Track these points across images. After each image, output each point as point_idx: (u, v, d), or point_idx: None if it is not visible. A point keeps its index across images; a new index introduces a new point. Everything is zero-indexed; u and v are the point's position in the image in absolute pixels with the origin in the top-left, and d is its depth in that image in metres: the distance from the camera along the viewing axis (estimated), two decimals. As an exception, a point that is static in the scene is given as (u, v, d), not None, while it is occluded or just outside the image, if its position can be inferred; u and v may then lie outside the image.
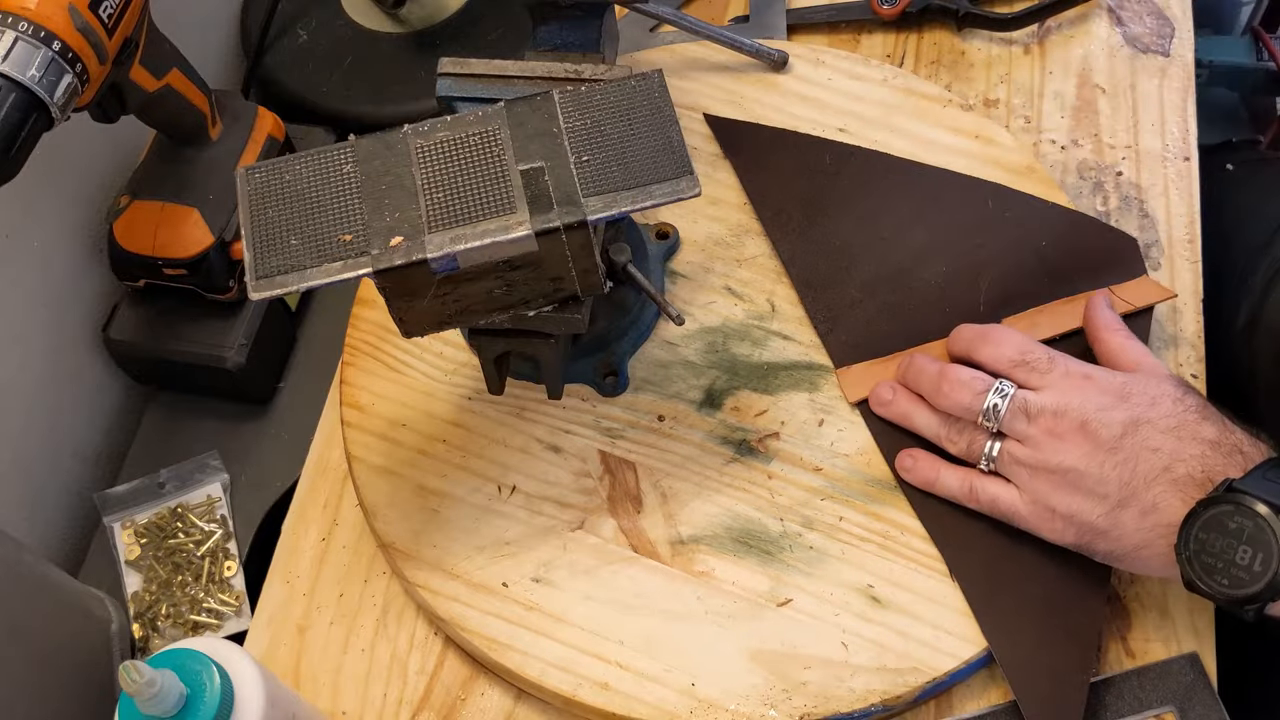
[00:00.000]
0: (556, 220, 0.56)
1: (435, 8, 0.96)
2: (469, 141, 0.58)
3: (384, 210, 0.56)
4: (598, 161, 0.58)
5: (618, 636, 0.67)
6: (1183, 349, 0.76)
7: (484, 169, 0.58)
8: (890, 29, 0.93)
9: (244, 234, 0.56)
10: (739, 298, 0.78)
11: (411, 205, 0.57)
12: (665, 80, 0.60)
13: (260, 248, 0.56)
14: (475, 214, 0.56)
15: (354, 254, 0.55)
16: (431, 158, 0.58)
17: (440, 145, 0.58)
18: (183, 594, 0.77)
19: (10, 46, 0.61)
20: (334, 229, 0.56)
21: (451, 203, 0.57)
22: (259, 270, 0.55)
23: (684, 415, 0.74)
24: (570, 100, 0.59)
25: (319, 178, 0.58)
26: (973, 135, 0.83)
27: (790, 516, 0.70)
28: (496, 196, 0.57)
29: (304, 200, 0.57)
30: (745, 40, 0.86)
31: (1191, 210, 0.81)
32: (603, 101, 0.60)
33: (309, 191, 0.57)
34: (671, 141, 0.58)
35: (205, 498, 0.80)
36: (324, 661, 0.71)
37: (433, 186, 0.57)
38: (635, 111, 0.59)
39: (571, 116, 0.59)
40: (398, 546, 0.71)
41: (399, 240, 0.56)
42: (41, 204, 0.80)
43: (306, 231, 0.56)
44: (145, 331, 0.82)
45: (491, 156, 0.58)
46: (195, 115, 0.80)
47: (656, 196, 0.57)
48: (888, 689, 0.64)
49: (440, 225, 0.56)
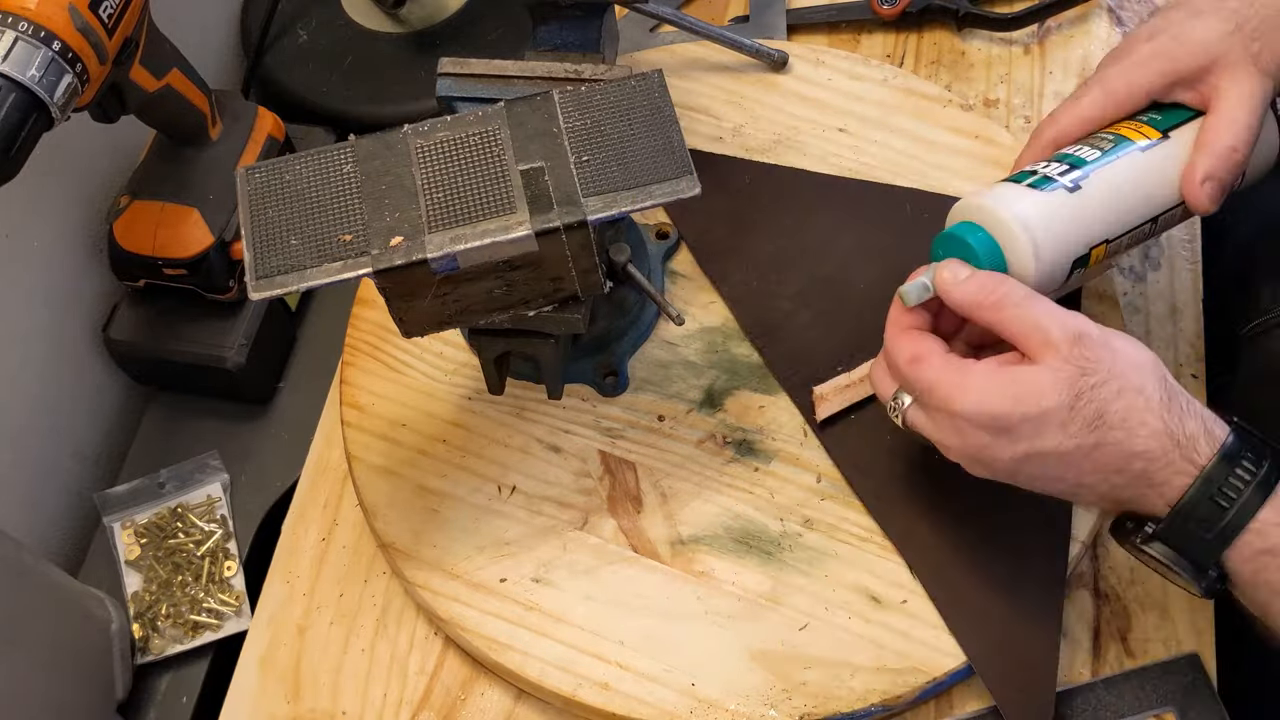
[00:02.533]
0: (556, 220, 0.56)
1: (435, 8, 0.96)
2: (469, 141, 0.58)
3: (384, 210, 0.56)
4: (598, 161, 0.58)
5: (618, 636, 0.67)
6: (1182, 349, 0.76)
7: (484, 169, 0.58)
8: (890, 29, 0.93)
9: (244, 234, 0.56)
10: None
11: (411, 205, 0.56)
12: (665, 80, 0.60)
13: (260, 247, 0.55)
14: (475, 214, 0.56)
15: (354, 254, 0.55)
16: (431, 158, 0.58)
17: (440, 145, 0.58)
18: (183, 594, 0.77)
19: (10, 46, 0.61)
20: (334, 229, 0.56)
21: (451, 203, 0.57)
22: (259, 270, 0.55)
23: (684, 415, 0.74)
24: (570, 100, 0.59)
25: (319, 178, 0.57)
26: (973, 135, 0.83)
27: (790, 516, 0.70)
28: (496, 196, 0.57)
29: (304, 200, 0.57)
30: (745, 40, 0.86)
31: (1191, 210, 0.81)
32: (603, 101, 0.59)
33: (309, 191, 0.57)
34: (671, 142, 0.58)
35: (205, 498, 0.80)
36: (324, 661, 0.71)
37: (433, 186, 0.57)
38: (635, 111, 0.59)
39: (571, 116, 0.59)
40: (398, 546, 0.71)
41: (399, 240, 0.55)
42: (41, 204, 0.80)
43: (306, 231, 0.56)
44: (145, 331, 0.82)
45: (491, 156, 0.58)
46: (195, 115, 0.80)
47: (656, 196, 0.57)
48: (888, 689, 0.64)
49: (440, 225, 0.56)
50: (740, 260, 0.79)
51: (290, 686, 0.71)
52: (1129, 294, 0.78)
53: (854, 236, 0.79)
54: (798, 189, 0.82)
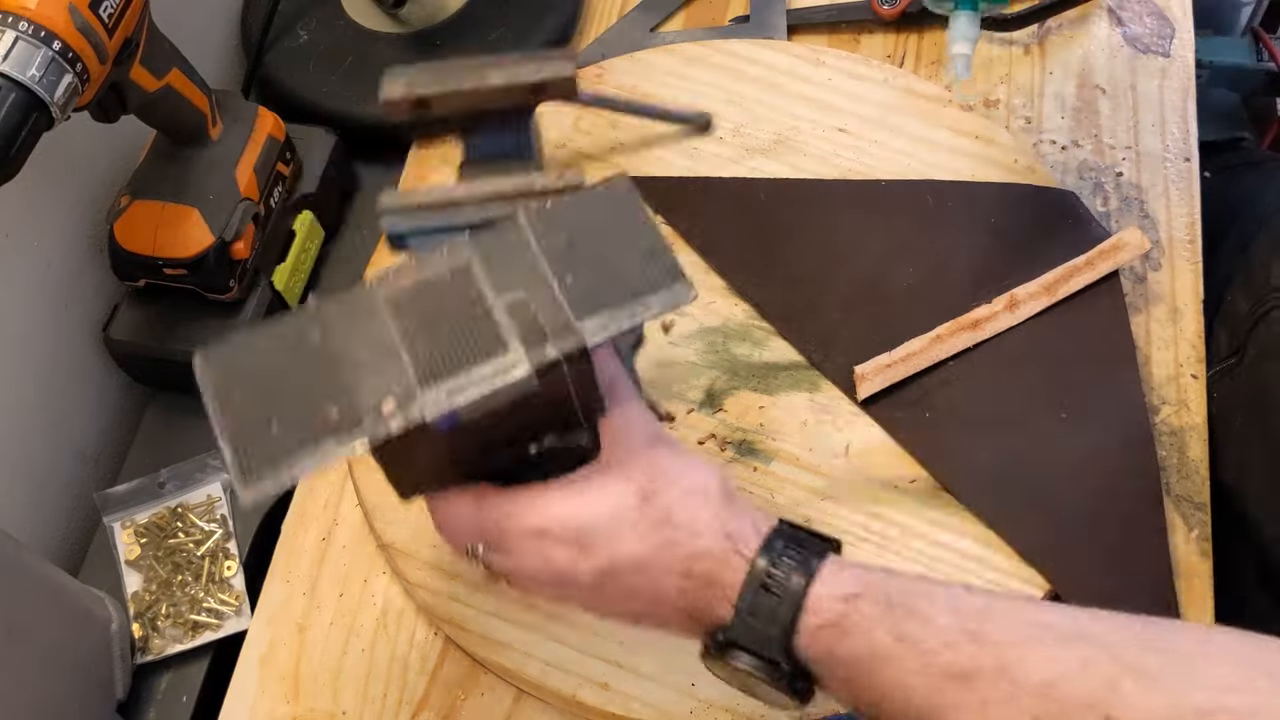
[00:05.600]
0: (555, 352, 0.51)
1: (435, 8, 0.96)
2: (440, 283, 0.53)
3: (367, 374, 0.51)
4: (583, 280, 0.53)
5: (617, 636, 0.67)
6: (1183, 349, 0.76)
7: (464, 309, 0.52)
8: (890, 29, 0.92)
9: (215, 428, 0.50)
10: (739, 298, 0.78)
11: (395, 363, 0.51)
12: (632, 184, 0.55)
13: (238, 442, 0.49)
14: (466, 360, 0.51)
15: (346, 428, 0.49)
16: (404, 308, 0.53)
17: (410, 292, 0.53)
18: (183, 594, 0.77)
19: (10, 46, 0.61)
20: (316, 405, 0.50)
21: (438, 353, 0.51)
22: (242, 468, 0.49)
23: (684, 415, 0.74)
24: (538, 220, 0.54)
25: (285, 352, 0.52)
26: (973, 135, 0.83)
27: (790, 516, 0.70)
28: (485, 337, 0.52)
29: (275, 379, 0.51)
30: (669, 109, 0.85)
31: (1192, 211, 0.81)
32: (573, 216, 0.54)
33: (278, 369, 0.51)
34: (655, 248, 0.54)
35: (205, 497, 0.80)
36: (324, 661, 0.71)
37: (414, 339, 0.52)
38: (609, 221, 0.54)
39: (544, 237, 0.54)
40: (398, 546, 0.71)
41: (391, 405, 0.50)
42: (41, 204, 0.80)
43: (286, 413, 0.50)
44: (145, 331, 0.82)
45: (469, 295, 0.53)
46: (195, 115, 0.80)
47: (654, 307, 0.52)
48: (888, 689, 0.64)
49: (432, 379, 0.51)
50: (780, 281, 0.78)
51: (290, 686, 0.71)
52: (1129, 294, 0.78)
53: (883, 236, 0.79)
54: (815, 198, 0.81)
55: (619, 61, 0.91)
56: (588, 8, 0.98)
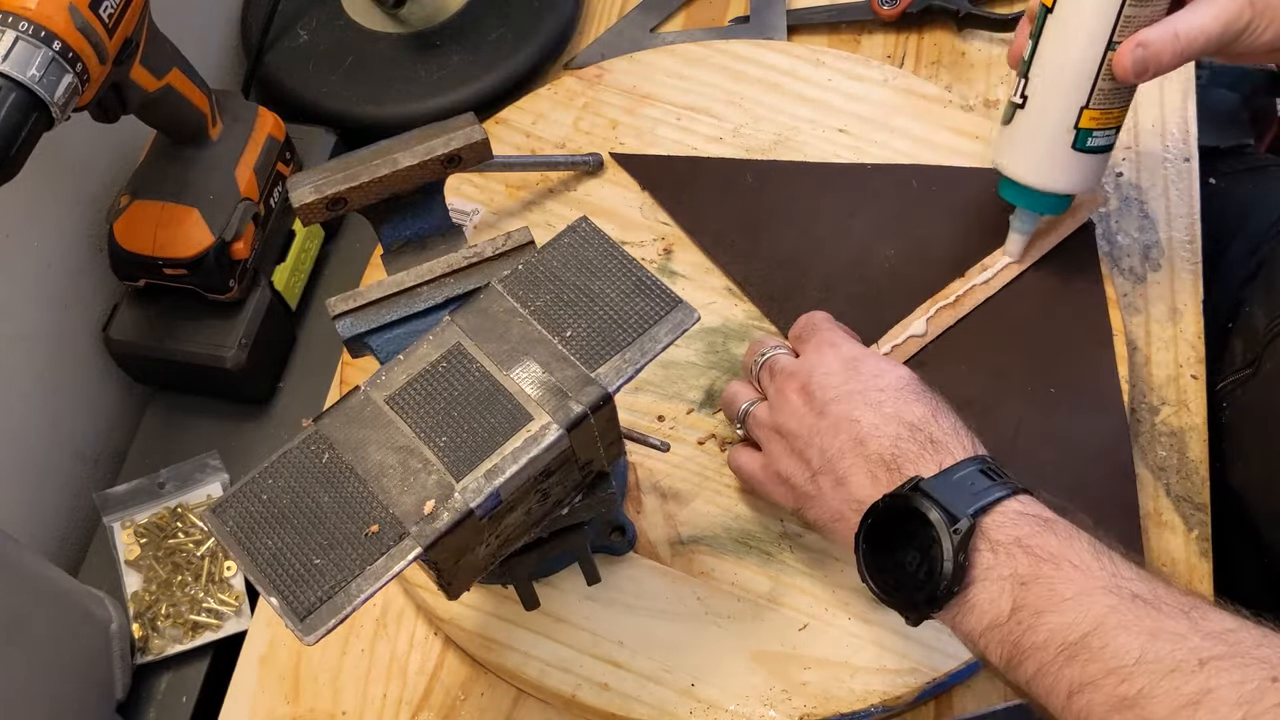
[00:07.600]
0: (579, 407, 0.50)
1: (435, 8, 0.96)
2: (437, 371, 0.52)
3: (395, 481, 0.49)
4: (583, 331, 0.52)
5: (617, 636, 0.67)
6: (1182, 349, 0.76)
7: (472, 390, 0.51)
8: (890, 29, 0.93)
9: (255, 583, 0.48)
10: (739, 298, 0.78)
11: (419, 462, 0.50)
12: (595, 225, 0.55)
13: (286, 591, 0.47)
14: (493, 439, 0.50)
15: (393, 540, 0.48)
16: (410, 405, 0.51)
17: (410, 388, 0.52)
18: (182, 594, 0.77)
19: (10, 46, 0.61)
20: (354, 526, 0.48)
21: (461, 440, 0.50)
22: (297, 611, 0.47)
23: (684, 415, 0.74)
24: (515, 283, 0.54)
25: (299, 483, 0.50)
26: (973, 135, 0.83)
27: (790, 517, 0.70)
28: (503, 411, 0.51)
29: (299, 514, 0.49)
30: (559, 158, 0.85)
31: (1192, 211, 0.81)
32: (548, 272, 0.54)
33: (299, 502, 0.49)
34: (642, 281, 0.53)
35: (205, 498, 0.80)
36: (324, 661, 0.71)
37: (431, 432, 0.50)
38: (586, 267, 0.54)
39: (527, 299, 0.53)
40: (398, 546, 0.71)
41: (431, 505, 0.48)
42: (41, 204, 0.80)
43: (325, 545, 0.48)
44: (145, 331, 0.82)
45: (471, 374, 0.52)
46: (195, 115, 0.80)
47: (662, 339, 0.52)
48: (888, 689, 0.64)
49: (464, 467, 0.49)
50: (761, 260, 0.79)
51: (290, 686, 0.71)
52: (1129, 295, 0.78)
53: (867, 218, 0.80)
54: (801, 181, 0.82)
55: (619, 62, 0.91)
56: (588, 8, 0.98)
